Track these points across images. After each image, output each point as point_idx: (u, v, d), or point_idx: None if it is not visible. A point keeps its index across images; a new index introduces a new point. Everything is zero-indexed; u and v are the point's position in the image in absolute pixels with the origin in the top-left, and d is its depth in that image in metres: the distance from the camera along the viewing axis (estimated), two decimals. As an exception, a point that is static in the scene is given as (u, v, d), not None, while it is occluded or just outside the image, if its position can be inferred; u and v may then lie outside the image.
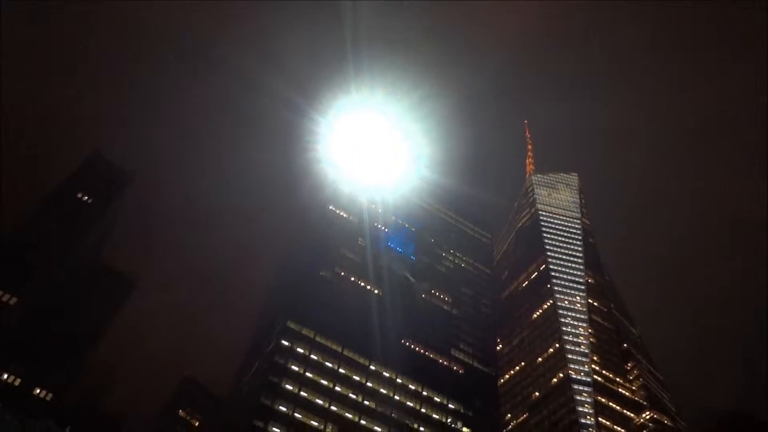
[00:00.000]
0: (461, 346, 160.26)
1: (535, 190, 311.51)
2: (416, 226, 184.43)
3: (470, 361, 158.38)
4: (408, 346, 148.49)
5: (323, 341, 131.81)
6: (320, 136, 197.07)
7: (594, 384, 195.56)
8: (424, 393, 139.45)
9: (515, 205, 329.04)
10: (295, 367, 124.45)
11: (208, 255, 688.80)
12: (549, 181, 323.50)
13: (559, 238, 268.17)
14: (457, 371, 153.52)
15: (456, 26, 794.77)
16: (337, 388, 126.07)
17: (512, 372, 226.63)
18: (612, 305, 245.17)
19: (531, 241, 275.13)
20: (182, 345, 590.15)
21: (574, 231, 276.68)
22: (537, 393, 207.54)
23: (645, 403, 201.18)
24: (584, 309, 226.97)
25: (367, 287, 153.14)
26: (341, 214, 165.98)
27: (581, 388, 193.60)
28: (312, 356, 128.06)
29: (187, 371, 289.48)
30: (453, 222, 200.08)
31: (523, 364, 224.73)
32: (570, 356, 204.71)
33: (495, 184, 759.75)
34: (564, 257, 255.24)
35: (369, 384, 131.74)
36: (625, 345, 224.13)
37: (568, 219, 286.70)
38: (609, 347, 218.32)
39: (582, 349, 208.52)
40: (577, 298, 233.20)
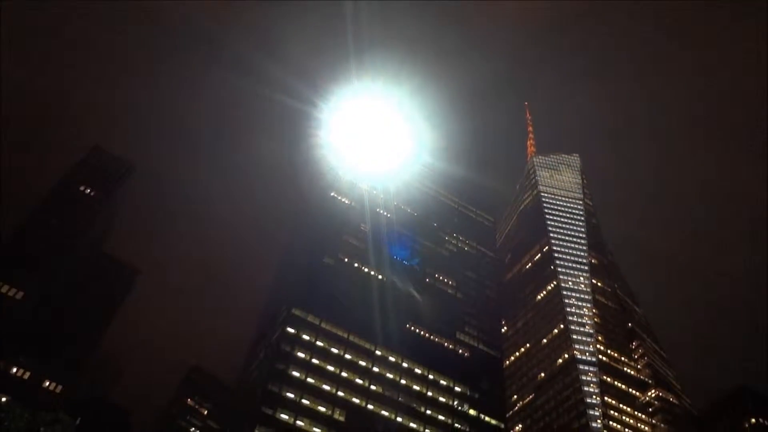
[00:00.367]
0: (466, 329, 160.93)
1: (537, 171, 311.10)
2: (418, 210, 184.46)
3: (475, 344, 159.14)
4: (413, 331, 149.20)
5: (329, 327, 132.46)
6: (321, 123, 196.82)
7: (599, 364, 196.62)
8: (430, 376, 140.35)
9: (517, 187, 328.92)
10: (302, 353, 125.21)
11: (211, 244, 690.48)
12: (551, 163, 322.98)
13: (562, 220, 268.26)
14: (462, 354, 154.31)
15: (456, 10, 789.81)
16: (343, 374, 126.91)
17: (517, 354, 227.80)
18: (616, 285, 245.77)
19: (534, 223, 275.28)
20: (189, 334, 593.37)
21: (577, 212, 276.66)
22: (542, 374, 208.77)
23: (650, 381, 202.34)
24: (588, 289, 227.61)
25: (371, 273, 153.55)
26: (343, 200, 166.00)
27: (586, 368, 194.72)
28: (318, 343, 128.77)
29: (195, 360, 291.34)
30: (455, 206, 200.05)
31: (528, 345, 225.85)
32: (575, 337, 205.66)
33: (497, 168, 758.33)
34: (567, 238, 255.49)
35: (375, 369, 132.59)
36: (629, 324, 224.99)
37: (570, 200, 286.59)
38: (613, 327, 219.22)
39: (587, 330, 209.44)
40: (581, 278, 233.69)
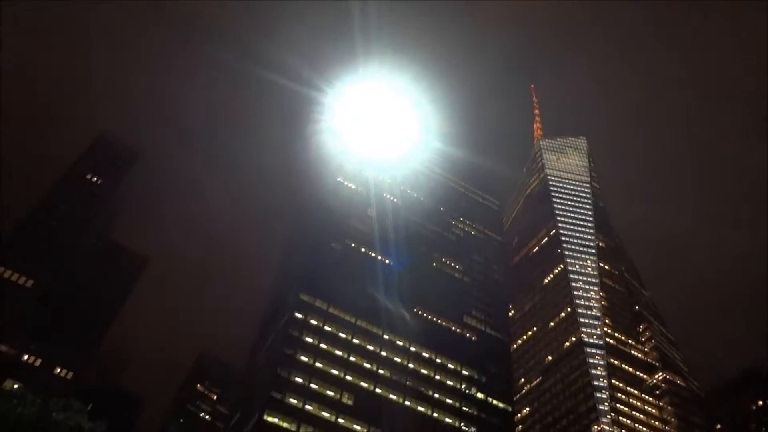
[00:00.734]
0: (473, 313, 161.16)
1: (544, 155, 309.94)
2: (425, 195, 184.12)
3: (483, 328, 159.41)
4: (420, 315, 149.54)
5: (336, 312, 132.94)
6: (327, 108, 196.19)
7: (606, 346, 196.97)
8: (438, 360, 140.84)
9: (524, 171, 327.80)
10: (310, 338, 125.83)
11: (218, 229, 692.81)
12: (557, 146, 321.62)
13: (569, 203, 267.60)
14: (469, 338, 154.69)
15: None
16: (351, 358, 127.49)
17: (525, 337, 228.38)
18: (623, 268, 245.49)
19: (540, 207, 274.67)
20: (197, 320, 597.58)
21: (584, 195, 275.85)
22: (550, 357, 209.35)
23: (657, 364, 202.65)
24: (595, 272, 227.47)
25: (378, 257, 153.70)
26: (349, 185, 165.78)
27: (594, 351, 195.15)
28: (326, 327, 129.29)
29: (204, 346, 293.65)
30: (462, 190, 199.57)
31: (535, 329, 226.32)
32: (582, 320, 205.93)
33: (503, 152, 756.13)
34: (574, 221, 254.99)
35: (383, 353, 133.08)
36: (636, 307, 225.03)
37: (577, 183, 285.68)
38: (621, 310, 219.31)
39: (594, 313, 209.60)
40: (588, 261, 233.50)
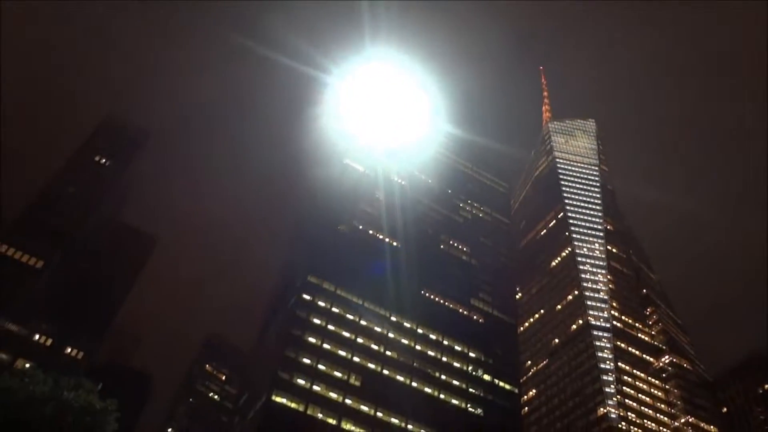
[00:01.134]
0: (480, 295, 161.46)
1: (552, 137, 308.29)
2: (433, 178, 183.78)
3: (490, 310, 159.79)
4: (428, 297, 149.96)
5: (344, 294, 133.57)
6: (334, 90, 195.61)
7: (613, 329, 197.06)
8: (445, 342, 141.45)
9: (532, 153, 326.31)
10: (317, 320, 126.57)
11: (226, 212, 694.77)
12: (566, 129, 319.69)
13: (577, 186, 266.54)
14: (477, 320, 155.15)
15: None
16: (359, 340, 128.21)
17: (532, 320, 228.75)
18: (631, 251, 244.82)
19: (549, 190, 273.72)
20: (206, 301, 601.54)
21: (592, 178, 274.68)
22: (556, 340, 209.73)
23: (664, 347, 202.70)
24: (603, 256, 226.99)
25: (386, 240, 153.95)
26: (357, 167, 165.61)
27: (600, 333, 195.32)
28: (333, 309, 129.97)
29: (212, 327, 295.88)
30: (470, 172, 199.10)
31: (542, 311, 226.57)
32: (589, 303, 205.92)
33: (512, 134, 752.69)
34: (582, 204, 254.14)
35: (390, 335, 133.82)
36: (644, 290, 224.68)
37: (586, 166, 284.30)
38: (628, 293, 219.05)
39: (601, 296, 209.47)
40: (596, 245, 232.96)
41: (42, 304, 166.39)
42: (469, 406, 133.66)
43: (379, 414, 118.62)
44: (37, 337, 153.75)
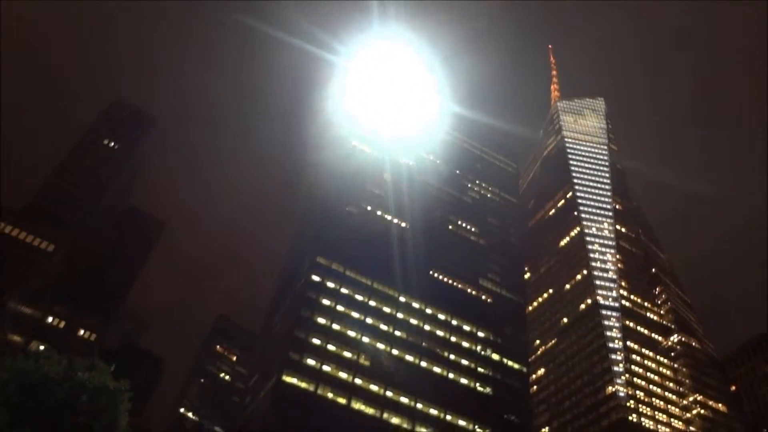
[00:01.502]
0: (489, 275, 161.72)
1: (561, 116, 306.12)
2: (440, 158, 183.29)
3: (498, 290, 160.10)
4: (436, 277, 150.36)
5: (353, 275, 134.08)
6: (341, 70, 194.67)
7: (622, 309, 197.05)
8: (454, 322, 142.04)
9: (541, 133, 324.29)
10: (326, 301, 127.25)
11: (233, 195, 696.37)
12: (575, 107, 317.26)
13: (586, 165, 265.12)
14: (485, 300, 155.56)
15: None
16: (368, 320, 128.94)
17: (540, 299, 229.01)
18: (640, 231, 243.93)
19: (557, 169, 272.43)
20: (215, 283, 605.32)
21: (601, 157, 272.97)
22: (565, 319, 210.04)
23: (673, 326, 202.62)
24: (612, 235, 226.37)
25: (394, 221, 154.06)
26: (365, 149, 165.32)
27: (609, 313, 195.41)
28: (342, 290, 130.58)
29: (222, 308, 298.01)
30: (478, 152, 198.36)
31: (551, 291, 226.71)
32: (598, 282, 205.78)
33: (520, 113, 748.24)
34: (591, 184, 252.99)
35: (399, 315, 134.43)
36: (653, 270, 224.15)
37: (595, 145, 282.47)
38: (637, 272, 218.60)
39: (610, 275, 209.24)
40: (605, 224, 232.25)
41: (54, 287, 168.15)
42: (477, 385, 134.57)
43: (389, 393, 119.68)
44: (50, 319, 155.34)
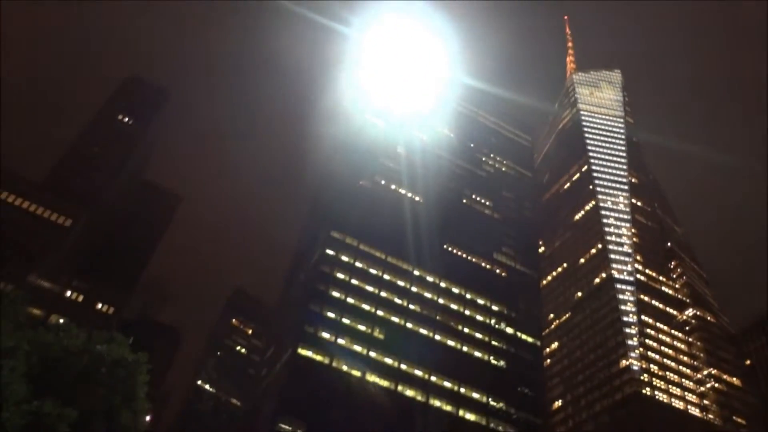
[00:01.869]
0: (503, 249, 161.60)
1: (577, 89, 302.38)
2: (455, 131, 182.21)
3: (512, 264, 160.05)
4: (450, 251, 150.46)
5: (367, 249, 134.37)
6: (354, 43, 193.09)
7: (637, 283, 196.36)
8: (468, 296, 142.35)
9: (556, 106, 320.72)
10: (341, 275, 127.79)
11: (247, 168, 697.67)
12: (591, 80, 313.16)
13: (602, 138, 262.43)
14: (499, 274, 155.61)
15: None
16: (382, 294, 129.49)
17: (555, 273, 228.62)
18: (656, 204, 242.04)
19: (573, 142, 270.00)
20: (231, 257, 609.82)
21: (617, 130, 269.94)
22: (579, 293, 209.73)
23: (688, 300, 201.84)
24: (627, 209, 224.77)
25: (408, 194, 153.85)
26: (378, 122, 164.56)
27: (624, 287, 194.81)
28: (357, 264, 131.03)
29: (238, 282, 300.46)
30: (492, 126, 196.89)
31: (565, 265, 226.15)
32: (612, 256, 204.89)
33: (535, 86, 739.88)
34: (606, 157, 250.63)
35: (413, 289, 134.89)
36: (668, 243, 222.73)
37: (611, 118, 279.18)
38: (652, 246, 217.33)
39: (625, 249, 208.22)
40: (620, 198, 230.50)
41: (72, 261, 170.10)
42: (491, 358, 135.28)
43: (403, 366, 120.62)
44: (68, 293, 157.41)
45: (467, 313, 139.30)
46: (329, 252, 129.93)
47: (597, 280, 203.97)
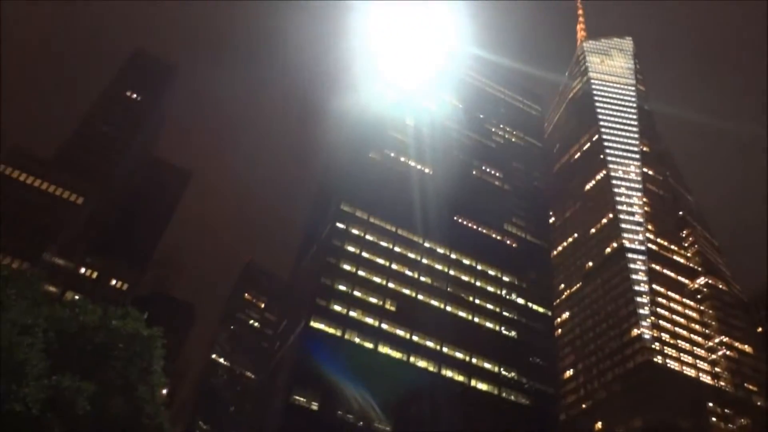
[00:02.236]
0: (514, 220, 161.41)
1: (587, 57, 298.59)
2: (464, 102, 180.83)
3: (523, 235, 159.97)
4: (461, 223, 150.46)
5: (377, 222, 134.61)
6: (362, 14, 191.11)
7: (648, 252, 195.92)
8: (479, 267, 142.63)
9: (566, 74, 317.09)
10: (352, 247, 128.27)
11: (256, 143, 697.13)
12: (602, 48, 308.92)
13: (613, 107, 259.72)
14: (510, 245, 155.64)
15: None
16: (393, 266, 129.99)
17: (565, 243, 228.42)
18: (668, 173, 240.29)
19: (583, 111, 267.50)
20: (242, 232, 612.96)
21: (629, 98, 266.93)
22: (590, 263, 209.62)
23: (700, 268, 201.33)
24: (639, 178, 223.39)
25: (418, 166, 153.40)
26: (387, 94, 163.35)
27: (635, 256, 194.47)
28: (367, 237, 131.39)
29: (250, 256, 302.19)
30: (502, 96, 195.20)
31: (576, 235, 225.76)
32: (624, 226, 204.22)
33: (545, 55, 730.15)
34: (618, 126, 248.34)
35: (424, 261, 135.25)
36: (680, 212, 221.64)
37: (622, 86, 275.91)
38: (664, 215, 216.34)
39: (636, 219, 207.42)
40: (632, 167, 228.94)
41: (85, 238, 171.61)
42: (503, 329, 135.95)
43: (415, 338, 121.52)
44: (83, 270, 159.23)
45: (478, 284, 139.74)
46: (340, 225, 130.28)
47: (608, 249, 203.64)
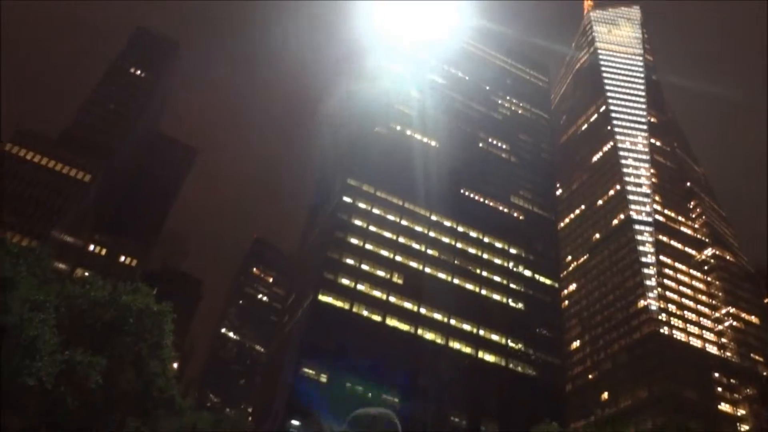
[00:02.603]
0: (520, 192, 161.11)
1: (594, 27, 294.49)
2: (470, 74, 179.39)
3: (530, 207, 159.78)
4: (467, 196, 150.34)
5: (384, 195, 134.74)
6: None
7: (655, 223, 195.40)
8: (485, 240, 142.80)
9: (573, 45, 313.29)
10: (359, 221, 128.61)
11: (261, 119, 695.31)
12: (609, 17, 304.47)
13: (620, 77, 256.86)
14: (517, 217, 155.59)
15: None
16: (400, 240, 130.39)
17: (572, 216, 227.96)
18: (675, 144, 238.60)
19: (590, 82, 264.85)
20: (249, 207, 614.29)
21: (636, 69, 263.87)
22: (597, 235, 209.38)
23: (707, 239, 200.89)
24: (646, 149, 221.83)
25: (424, 140, 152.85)
26: (393, 67, 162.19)
27: (642, 228, 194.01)
28: (374, 211, 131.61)
29: (257, 232, 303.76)
30: (508, 67, 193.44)
31: (583, 207, 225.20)
32: (631, 197, 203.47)
33: (551, 25, 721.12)
34: (625, 97, 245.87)
35: (431, 234, 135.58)
36: (688, 184, 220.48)
37: (629, 56, 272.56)
38: (671, 187, 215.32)
39: (643, 190, 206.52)
40: (639, 138, 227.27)
41: (93, 216, 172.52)
42: (510, 301, 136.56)
43: (422, 310, 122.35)
44: (92, 247, 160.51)
45: (485, 256, 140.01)
46: (346, 199, 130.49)
47: (615, 221, 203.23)
